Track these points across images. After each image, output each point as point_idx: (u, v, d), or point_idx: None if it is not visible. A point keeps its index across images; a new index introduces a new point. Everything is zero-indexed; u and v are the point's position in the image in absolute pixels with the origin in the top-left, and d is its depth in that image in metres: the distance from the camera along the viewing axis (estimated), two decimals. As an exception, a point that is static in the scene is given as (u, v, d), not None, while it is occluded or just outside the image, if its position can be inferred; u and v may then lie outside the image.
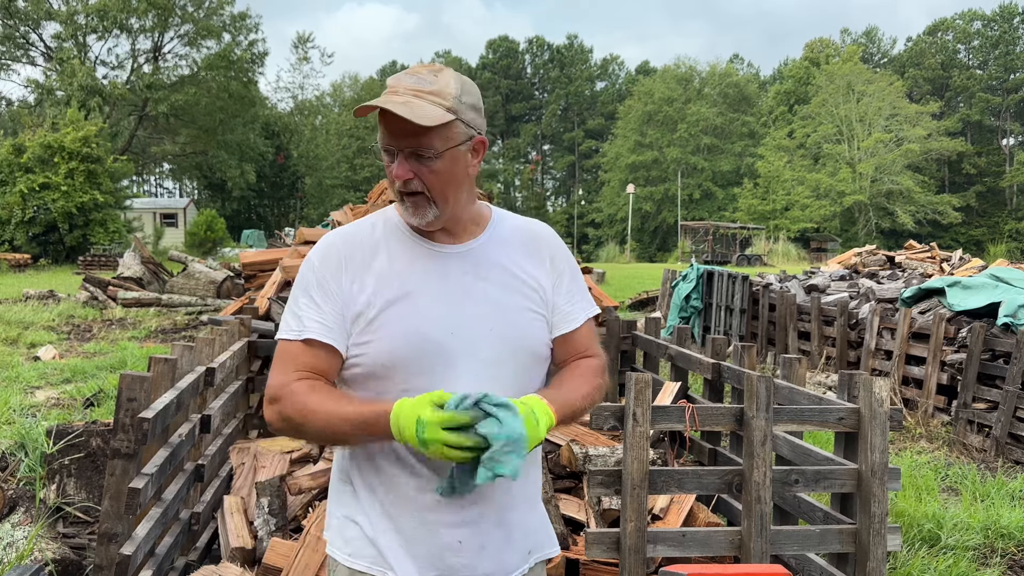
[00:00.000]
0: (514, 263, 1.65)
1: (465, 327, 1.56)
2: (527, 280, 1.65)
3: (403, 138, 1.49)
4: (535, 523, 1.70)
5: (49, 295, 15.63)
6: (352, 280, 1.56)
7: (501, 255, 1.65)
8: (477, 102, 1.56)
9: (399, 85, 1.52)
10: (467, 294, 1.58)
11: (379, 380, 1.55)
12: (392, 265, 1.57)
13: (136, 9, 40.96)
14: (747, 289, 11.40)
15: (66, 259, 29.32)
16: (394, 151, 1.51)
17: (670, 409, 3.09)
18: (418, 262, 1.59)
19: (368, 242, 1.60)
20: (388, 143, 1.51)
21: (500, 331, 1.58)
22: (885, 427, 3.04)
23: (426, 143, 1.48)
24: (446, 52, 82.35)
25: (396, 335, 1.53)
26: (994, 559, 4.42)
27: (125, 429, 2.73)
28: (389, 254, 1.59)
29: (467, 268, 1.60)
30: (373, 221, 1.65)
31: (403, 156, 1.50)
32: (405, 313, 1.54)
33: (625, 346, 5.51)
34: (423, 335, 1.53)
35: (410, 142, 1.49)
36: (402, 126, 1.46)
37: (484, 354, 1.57)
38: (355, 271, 1.57)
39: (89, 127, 30.41)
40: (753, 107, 65.87)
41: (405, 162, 1.50)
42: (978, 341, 6.81)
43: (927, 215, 52.14)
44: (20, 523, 3.90)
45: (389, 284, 1.56)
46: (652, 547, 2.99)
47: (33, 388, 7.84)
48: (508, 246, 1.67)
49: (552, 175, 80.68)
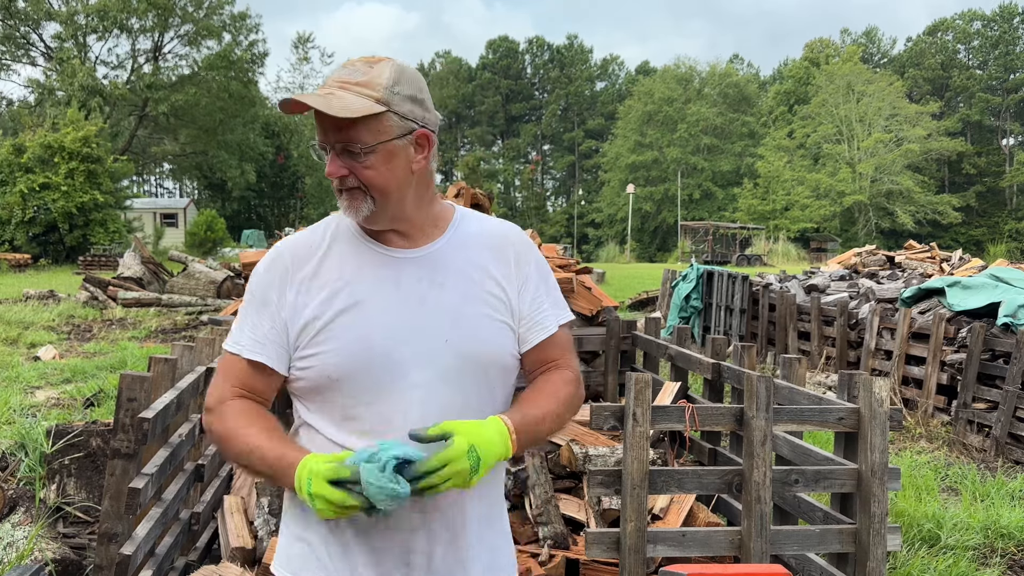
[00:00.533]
0: (475, 268, 1.54)
1: (418, 338, 1.46)
2: (489, 286, 1.54)
3: (331, 133, 1.41)
4: (492, 541, 1.58)
5: (49, 295, 15.63)
6: (298, 292, 1.47)
7: (461, 259, 1.53)
8: (417, 93, 1.45)
9: (330, 79, 1.45)
10: (422, 302, 1.48)
11: (326, 393, 1.47)
12: (341, 272, 1.48)
13: (136, 9, 40.98)
14: (747, 289, 11.41)
15: (66, 259, 29.33)
16: (327, 149, 1.43)
17: (670, 409, 3.09)
18: (368, 268, 1.49)
19: (316, 249, 1.51)
20: (319, 139, 1.44)
21: (457, 342, 1.47)
22: (885, 427, 3.04)
23: (354, 137, 1.40)
24: (446, 52, 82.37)
25: (343, 346, 1.44)
26: (994, 559, 4.42)
27: (125, 429, 2.73)
28: (339, 260, 1.49)
29: (422, 274, 1.50)
30: (326, 224, 1.56)
31: (335, 152, 1.43)
32: (353, 323, 1.45)
33: (625, 346, 5.51)
34: (371, 346, 1.44)
35: (338, 137, 1.41)
36: (328, 121, 1.40)
37: (439, 367, 1.46)
38: (301, 281, 1.48)
39: (89, 127, 30.43)
40: (753, 107, 65.90)
41: (337, 158, 1.43)
42: (978, 341, 6.81)
43: (927, 215, 52.15)
44: (20, 523, 3.90)
45: (337, 292, 1.46)
46: (652, 547, 2.99)
47: (33, 388, 7.84)
48: (470, 249, 1.55)
49: (552, 175, 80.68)
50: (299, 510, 1.53)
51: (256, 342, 1.49)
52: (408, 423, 1.42)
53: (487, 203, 6.17)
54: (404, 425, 1.42)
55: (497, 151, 79.03)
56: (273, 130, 55.03)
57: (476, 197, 6.11)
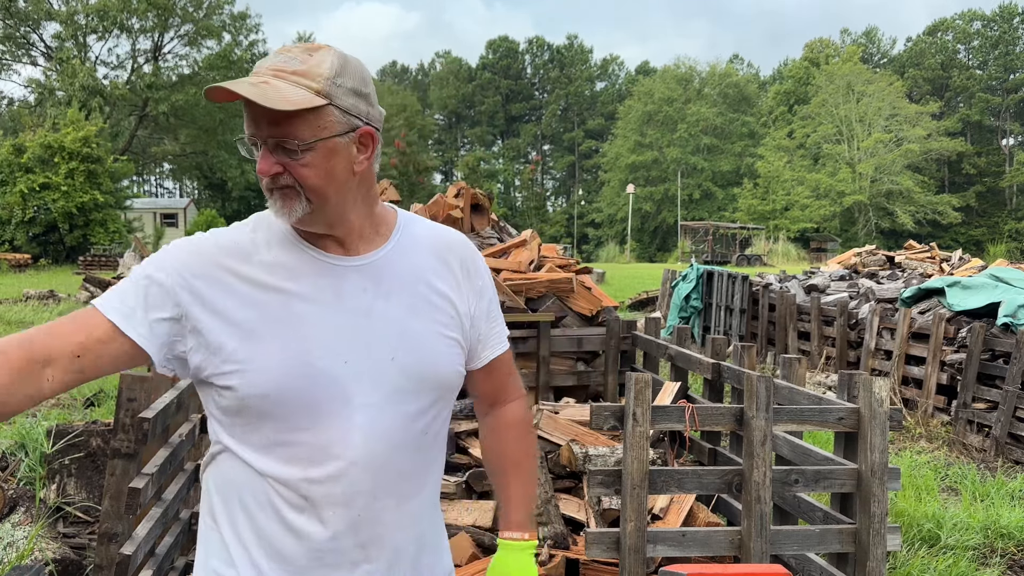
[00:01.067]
0: (422, 278, 1.39)
1: (361, 356, 1.30)
2: (437, 299, 1.40)
3: (264, 127, 1.24)
4: (427, 560, 1.45)
5: (49, 295, 15.64)
6: (220, 291, 1.28)
7: (407, 269, 1.38)
8: (362, 86, 1.29)
9: (262, 66, 1.27)
10: (366, 315, 1.32)
11: (252, 414, 1.28)
12: (272, 277, 1.29)
13: (136, 9, 41.01)
14: (747, 289, 11.41)
15: (66, 259, 29.34)
16: (256, 143, 1.26)
17: (670, 409, 3.09)
18: (306, 277, 1.31)
19: (246, 248, 1.31)
20: (249, 133, 1.26)
21: (404, 360, 1.33)
22: (885, 427, 3.04)
23: (290, 132, 1.23)
24: (446, 52, 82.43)
25: (275, 363, 1.26)
26: (994, 559, 4.42)
27: (125, 429, 2.73)
28: (271, 264, 1.30)
29: (366, 284, 1.34)
30: (255, 222, 1.36)
31: (267, 148, 1.25)
32: (289, 336, 1.27)
33: (625, 346, 5.52)
34: (309, 363, 1.27)
35: (272, 131, 1.23)
36: (261, 113, 1.22)
37: (385, 387, 1.32)
38: (225, 280, 1.28)
39: (89, 127, 30.45)
40: (753, 107, 65.92)
41: (270, 155, 1.25)
42: (978, 341, 6.82)
43: (927, 215, 52.15)
44: (20, 523, 3.91)
45: (269, 300, 1.28)
46: (652, 547, 2.99)
47: (33, 388, 7.84)
48: (416, 257, 1.40)
49: (552, 175, 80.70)
50: (217, 538, 1.36)
51: (134, 316, 1.25)
52: (348, 449, 1.29)
53: (487, 203, 6.19)
54: (343, 452, 1.29)
55: (497, 151, 79.04)
56: (273, 130, 54.99)
57: (476, 197, 6.11)
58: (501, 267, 5.79)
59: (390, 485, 1.34)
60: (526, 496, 1.54)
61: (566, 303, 5.74)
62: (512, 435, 1.57)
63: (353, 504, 1.31)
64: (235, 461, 1.32)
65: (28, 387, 1.18)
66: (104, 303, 1.25)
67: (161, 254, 1.31)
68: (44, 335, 1.21)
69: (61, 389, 1.22)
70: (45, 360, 1.19)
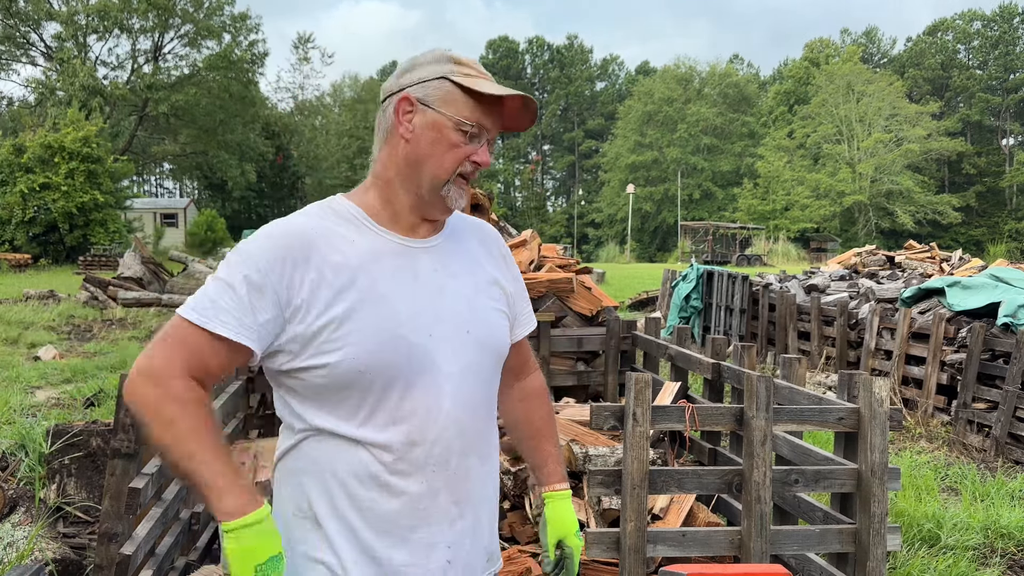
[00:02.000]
0: (477, 261, 1.56)
1: (442, 329, 1.43)
2: (490, 278, 1.57)
3: (495, 124, 1.46)
4: (494, 529, 1.61)
5: (49, 295, 15.64)
6: (311, 279, 1.36)
7: (465, 252, 1.54)
8: None
9: (479, 68, 1.47)
10: (440, 292, 1.45)
11: (349, 390, 1.38)
12: (358, 260, 1.40)
13: (136, 9, 40.98)
14: (747, 289, 11.41)
15: (66, 259, 29.33)
16: (486, 136, 1.45)
17: (670, 409, 3.09)
18: (386, 258, 1.43)
19: (328, 235, 1.41)
20: (477, 125, 1.43)
21: (476, 333, 1.48)
22: (885, 427, 3.04)
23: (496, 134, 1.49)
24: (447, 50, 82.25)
25: (371, 340, 1.36)
26: (994, 559, 4.42)
27: (125, 429, 2.73)
28: (352, 248, 1.41)
29: (436, 265, 1.47)
30: (319, 212, 1.45)
31: (487, 143, 1.46)
32: (380, 314, 1.38)
33: (625, 346, 5.51)
34: (402, 337, 1.38)
35: (496, 130, 1.47)
36: (500, 113, 1.46)
37: (462, 359, 1.45)
38: (315, 267, 1.37)
39: (89, 127, 30.43)
40: (753, 107, 65.90)
41: (487, 149, 1.47)
42: (978, 341, 6.81)
43: (927, 215, 52.14)
44: (20, 523, 3.90)
45: (356, 284, 1.38)
46: (652, 547, 2.99)
47: (33, 388, 7.84)
48: (467, 242, 1.57)
49: (552, 175, 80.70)
50: (309, 525, 1.43)
51: (242, 324, 1.34)
52: (441, 414, 1.42)
53: (487, 203, 6.18)
54: (437, 418, 1.41)
55: (497, 151, 78.95)
56: (273, 130, 55.04)
57: (476, 197, 6.11)
58: (501, 267, 5.77)
59: (475, 445, 1.49)
60: (558, 453, 1.75)
61: (566, 303, 5.74)
62: (538, 402, 1.76)
63: (448, 464, 1.43)
64: (328, 440, 1.41)
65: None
66: (214, 322, 1.34)
67: (252, 250, 1.38)
68: (197, 369, 1.34)
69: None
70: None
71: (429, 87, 1.43)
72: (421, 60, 1.47)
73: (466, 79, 1.42)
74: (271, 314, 1.35)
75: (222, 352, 1.35)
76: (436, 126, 1.42)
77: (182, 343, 1.34)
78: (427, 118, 1.42)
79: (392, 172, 1.46)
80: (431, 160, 1.42)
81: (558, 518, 1.69)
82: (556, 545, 1.69)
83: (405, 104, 1.43)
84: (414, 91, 1.43)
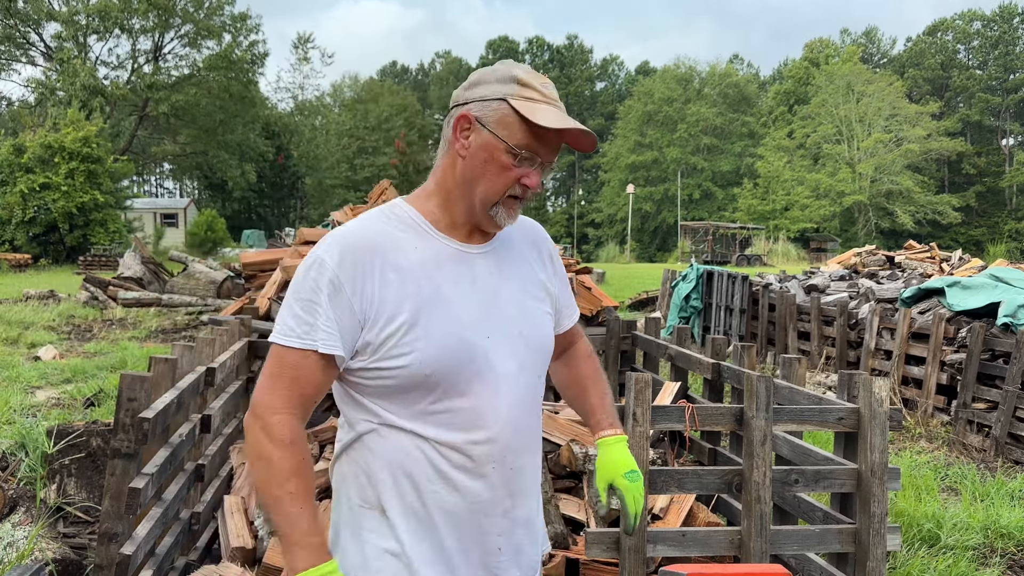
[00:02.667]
0: (526, 264, 1.62)
1: (499, 332, 1.51)
2: (538, 281, 1.63)
3: (550, 153, 1.48)
4: (540, 518, 1.71)
5: (49, 295, 15.64)
6: (379, 284, 1.43)
7: (515, 256, 1.61)
8: None
9: (554, 96, 1.48)
10: (495, 295, 1.52)
11: (415, 391, 1.45)
12: (422, 266, 1.47)
13: (137, 9, 40.96)
14: (747, 289, 11.41)
15: (66, 259, 29.32)
16: (539, 163, 1.48)
17: (670, 409, 3.09)
18: (447, 263, 1.49)
19: (395, 242, 1.48)
20: (532, 152, 1.46)
21: (528, 335, 1.56)
22: (885, 427, 3.04)
23: (555, 160, 1.52)
24: (446, 52, 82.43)
25: (438, 343, 1.43)
26: (994, 559, 4.42)
27: (125, 429, 2.73)
28: (416, 254, 1.48)
29: (491, 269, 1.54)
30: (381, 218, 1.52)
31: (540, 168, 1.49)
32: (445, 318, 1.45)
33: (625, 346, 5.52)
34: (464, 340, 1.46)
35: (552, 157, 1.49)
36: (558, 144, 1.48)
37: (517, 359, 1.53)
38: (382, 273, 1.44)
39: (89, 127, 30.42)
40: (753, 107, 65.88)
41: (539, 173, 1.50)
42: (978, 341, 6.81)
43: (927, 215, 52.13)
44: (20, 523, 3.90)
45: (422, 288, 1.45)
46: (652, 547, 2.99)
47: (33, 388, 7.84)
48: (517, 246, 1.63)
49: (552, 175, 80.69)
50: (376, 515, 1.50)
51: (333, 336, 1.42)
52: (501, 413, 1.49)
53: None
54: (497, 416, 1.49)
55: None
56: (273, 130, 55.05)
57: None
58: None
59: (529, 442, 1.57)
60: (608, 403, 1.81)
61: (566, 303, 5.73)
62: (585, 361, 1.85)
63: (505, 461, 1.51)
64: (394, 434, 1.48)
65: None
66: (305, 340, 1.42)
67: (327, 259, 1.44)
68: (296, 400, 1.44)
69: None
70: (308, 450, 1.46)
71: (488, 107, 1.46)
72: (487, 76, 1.50)
73: (525, 104, 1.44)
74: (351, 322, 1.43)
75: (318, 370, 1.43)
76: (489, 147, 1.46)
77: (280, 373, 1.44)
78: (482, 138, 1.46)
79: (451, 184, 1.51)
80: (483, 180, 1.47)
81: (607, 462, 1.73)
82: (608, 490, 1.72)
83: (463, 121, 1.48)
84: (473, 108, 1.47)
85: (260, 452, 1.42)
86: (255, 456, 1.43)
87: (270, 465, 1.41)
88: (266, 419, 1.42)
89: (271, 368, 1.45)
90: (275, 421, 1.42)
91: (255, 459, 1.43)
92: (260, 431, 1.42)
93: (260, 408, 1.44)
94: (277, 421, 1.42)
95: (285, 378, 1.43)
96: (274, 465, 1.40)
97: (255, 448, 1.43)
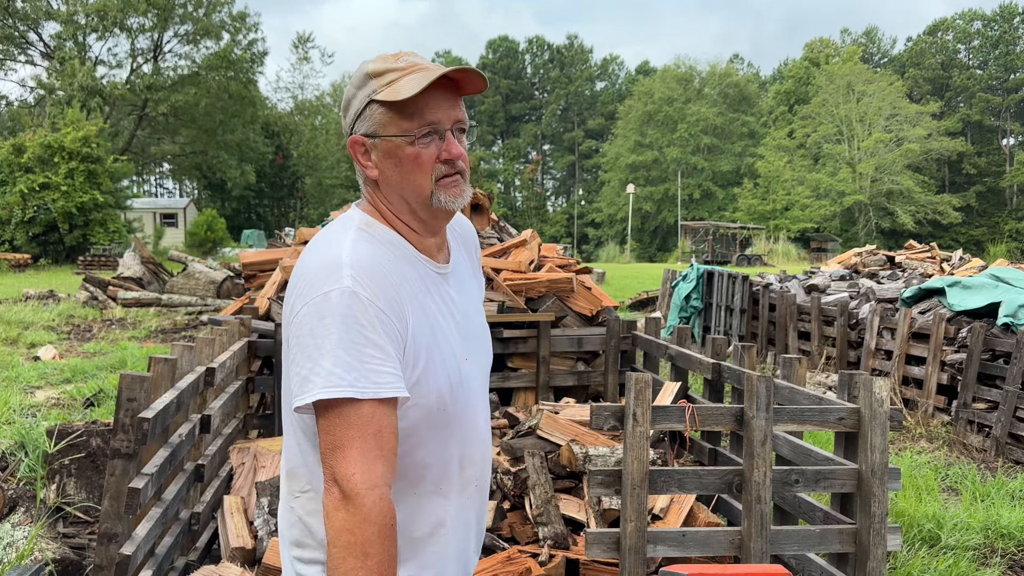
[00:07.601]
0: (470, 274, 1.58)
1: (473, 352, 1.48)
2: (481, 291, 1.63)
3: (451, 111, 1.37)
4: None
5: (49, 295, 15.63)
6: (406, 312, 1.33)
7: (463, 269, 1.55)
8: None
9: (413, 62, 1.38)
10: (466, 317, 1.48)
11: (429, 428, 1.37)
12: (420, 294, 1.39)
13: (136, 8, 40.95)
14: (747, 289, 11.40)
15: (66, 259, 29.32)
16: (442, 130, 1.37)
17: (670, 409, 3.09)
18: (433, 287, 1.43)
19: (399, 270, 1.37)
20: (433, 123, 1.35)
21: (486, 349, 1.56)
22: (885, 427, 3.04)
23: (464, 116, 1.40)
24: (446, 52, 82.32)
25: (440, 372, 1.37)
26: (994, 559, 4.42)
27: (125, 429, 2.72)
28: (413, 279, 1.39)
29: (458, 289, 1.49)
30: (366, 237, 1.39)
31: (450, 133, 1.38)
32: (440, 346, 1.38)
33: (625, 346, 5.51)
34: (457, 368, 1.41)
35: (457, 115, 1.38)
36: (451, 96, 1.37)
37: (483, 376, 1.53)
38: (403, 301, 1.33)
39: (89, 127, 30.41)
40: (753, 107, 65.89)
41: (454, 139, 1.38)
42: (978, 341, 6.81)
43: (927, 215, 52.14)
44: (20, 523, 3.90)
45: (425, 317, 1.37)
46: (652, 547, 2.99)
47: (33, 388, 7.84)
48: (462, 260, 1.57)
49: (552, 175, 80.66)
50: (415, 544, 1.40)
51: (396, 374, 1.27)
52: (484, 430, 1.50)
53: (487, 203, 6.18)
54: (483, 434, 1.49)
55: (497, 151, 79.01)
56: (273, 130, 55.03)
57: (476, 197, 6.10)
58: (501, 267, 5.79)
59: (490, 447, 1.55)
60: None
61: (566, 303, 5.74)
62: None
63: (484, 478, 1.51)
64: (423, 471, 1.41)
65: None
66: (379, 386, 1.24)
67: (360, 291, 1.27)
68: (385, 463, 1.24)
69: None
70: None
71: (365, 119, 1.39)
72: (350, 91, 1.43)
73: (387, 90, 1.36)
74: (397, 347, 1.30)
75: (393, 417, 1.26)
76: (390, 151, 1.38)
77: (362, 432, 1.22)
78: (380, 149, 1.39)
79: (392, 209, 1.43)
80: (407, 182, 1.39)
81: None
82: None
83: (358, 147, 1.42)
84: (358, 129, 1.41)
85: (356, 542, 1.17)
86: (345, 546, 1.18)
87: (368, 558, 1.17)
88: (363, 498, 1.18)
89: (341, 433, 1.21)
90: (375, 499, 1.19)
91: (345, 550, 1.18)
92: (355, 515, 1.18)
93: (354, 484, 1.19)
94: (378, 498, 1.20)
95: (368, 440, 1.21)
96: (374, 558, 1.18)
97: (347, 537, 1.18)
